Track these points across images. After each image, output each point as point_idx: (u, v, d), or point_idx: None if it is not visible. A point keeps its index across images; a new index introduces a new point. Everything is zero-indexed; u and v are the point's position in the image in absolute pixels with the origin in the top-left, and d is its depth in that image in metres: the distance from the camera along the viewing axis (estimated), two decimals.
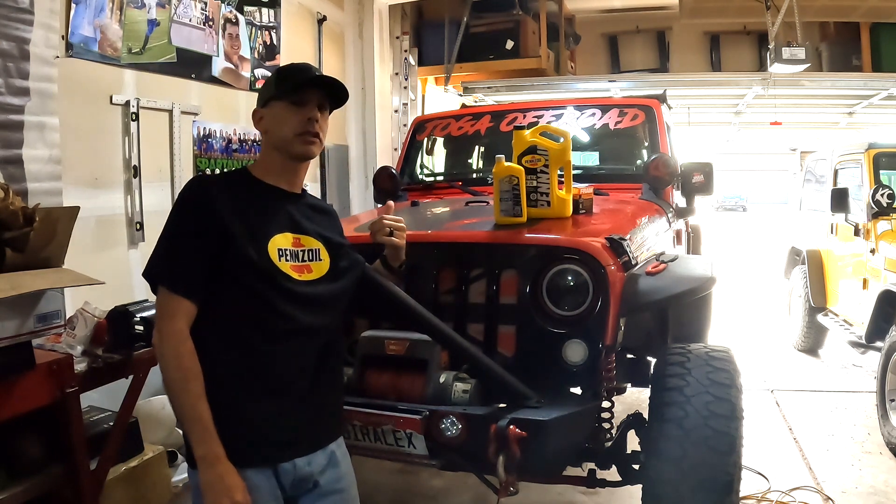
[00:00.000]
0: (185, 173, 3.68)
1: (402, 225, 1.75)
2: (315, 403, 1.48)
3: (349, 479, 1.57)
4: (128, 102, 3.24)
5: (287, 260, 1.45)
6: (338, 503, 1.52)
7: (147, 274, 1.43)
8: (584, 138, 3.59)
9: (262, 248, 1.42)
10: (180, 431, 3.21)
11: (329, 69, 5.25)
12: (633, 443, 2.21)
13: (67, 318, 2.23)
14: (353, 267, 1.62)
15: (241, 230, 1.40)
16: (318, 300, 1.48)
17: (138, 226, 3.34)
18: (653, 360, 2.40)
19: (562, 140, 2.50)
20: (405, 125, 6.30)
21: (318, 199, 1.66)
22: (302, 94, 1.50)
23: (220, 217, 1.39)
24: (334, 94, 1.57)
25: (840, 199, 4.63)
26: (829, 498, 3.06)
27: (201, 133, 3.80)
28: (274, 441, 1.41)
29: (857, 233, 4.50)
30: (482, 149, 4.03)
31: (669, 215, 3.15)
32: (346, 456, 1.59)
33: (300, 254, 1.48)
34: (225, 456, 1.32)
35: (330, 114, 1.58)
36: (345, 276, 1.57)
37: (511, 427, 1.78)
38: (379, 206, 3.64)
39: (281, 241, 1.45)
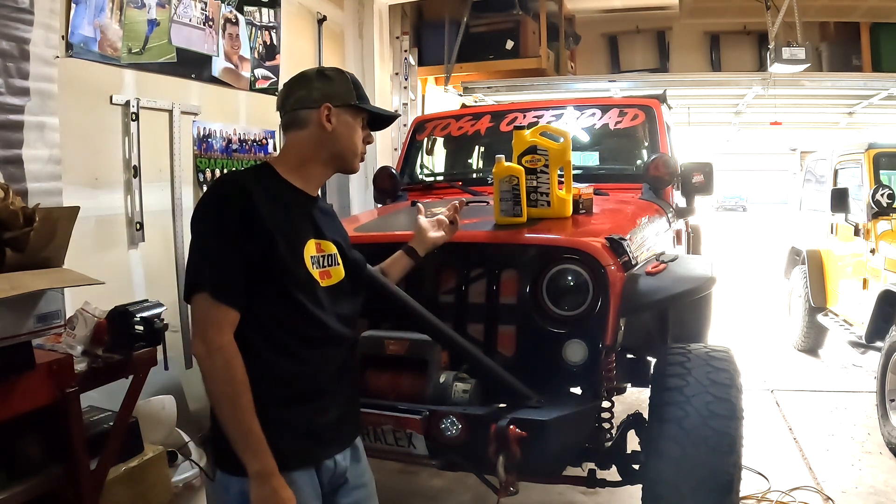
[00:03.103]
0: (186, 173, 3.67)
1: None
2: (345, 401, 1.52)
3: (369, 473, 1.62)
4: (128, 102, 3.24)
5: (316, 267, 1.45)
6: (363, 496, 1.56)
7: (190, 283, 1.36)
8: (584, 138, 3.60)
9: (300, 255, 1.41)
10: (180, 431, 3.21)
11: None
12: (633, 443, 2.21)
13: (67, 318, 2.23)
14: (360, 268, 1.63)
15: (280, 237, 1.37)
16: (341, 305, 1.50)
17: (138, 226, 3.33)
18: (653, 360, 2.40)
19: (562, 140, 2.50)
20: (405, 125, 6.30)
21: (324, 202, 1.65)
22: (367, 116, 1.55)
23: (264, 221, 1.36)
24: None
25: (840, 199, 4.63)
26: (829, 498, 3.06)
27: (201, 133, 3.80)
28: (318, 440, 1.44)
29: (857, 233, 4.50)
30: (482, 149, 4.03)
31: (669, 215, 3.15)
32: (364, 451, 1.63)
33: (321, 259, 1.48)
34: (278, 470, 1.32)
35: None
36: (356, 278, 1.59)
37: (511, 427, 1.78)
38: (379, 205, 3.65)
39: (311, 249, 1.45)
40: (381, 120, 1.63)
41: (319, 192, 1.59)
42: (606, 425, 2.18)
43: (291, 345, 1.40)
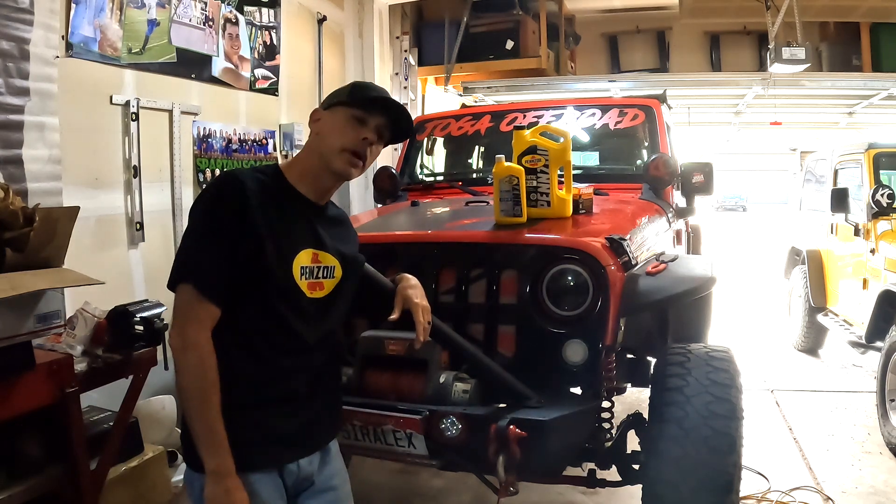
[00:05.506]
0: (186, 173, 3.68)
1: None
2: (318, 405, 1.49)
3: (342, 476, 1.58)
4: (128, 102, 3.24)
5: (305, 278, 1.42)
6: (333, 499, 1.53)
7: (176, 272, 1.35)
8: (584, 138, 3.59)
9: (288, 265, 1.39)
10: (180, 431, 3.22)
11: (329, 69, 5.24)
12: (633, 443, 2.21)
13: (67, 318, 2.24)
14: (357, 272, 1.60)
15: (271, 242, 1.36)
16: (326, 317, 1.48)
17: (138, 226, 3.33)
18: (653, 360, 2.40)
19: (562, 140, 2.50)
20: None
21: (337, 209, 1.61)
22: (369, 112, 1.44)
23: (256, 224, 1.34)
24: (399, 128, 1.51)
25: (840, 199, 4.63)
26: (829, 498, 3.06)
27: (201, 133, 3.80)
28: (282, 443, 1.42)
29: (857, 233, 4.50)
30: (482, 149, 4.04)
31: (669, 215, 3.15)
32: (339, 453, 1.60)
33: (315, 270, 1.45)
34: (234, 470, 1.31)
35: (384, 147, 1.51)
36: (350, 288, 1.55)
37: (511, 427, 1.78)
38: (379, 205, 3.65)
39: (304, 259, 1.42)
40: (400, 129, 1.51)
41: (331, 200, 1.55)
42: (606, 425, 2.18)
43: (264, 349, 1.38)
